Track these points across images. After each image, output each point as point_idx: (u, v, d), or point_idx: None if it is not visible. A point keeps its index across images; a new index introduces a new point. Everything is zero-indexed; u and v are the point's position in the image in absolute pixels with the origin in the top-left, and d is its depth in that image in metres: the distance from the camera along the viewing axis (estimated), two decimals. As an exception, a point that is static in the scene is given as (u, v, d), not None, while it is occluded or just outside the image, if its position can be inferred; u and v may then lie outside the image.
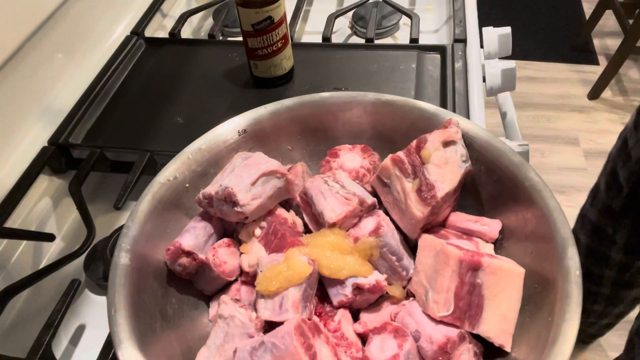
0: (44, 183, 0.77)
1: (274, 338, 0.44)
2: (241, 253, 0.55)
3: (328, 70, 0.86)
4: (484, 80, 0.88)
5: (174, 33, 0.98)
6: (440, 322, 0.47)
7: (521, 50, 2.45)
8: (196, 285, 0.56)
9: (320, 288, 0.52)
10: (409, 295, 0.52)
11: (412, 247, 0.55)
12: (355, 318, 0.52)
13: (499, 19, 2.61)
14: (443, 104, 0.77)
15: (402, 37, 1.03)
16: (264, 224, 0.55)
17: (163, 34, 1.06)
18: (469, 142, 0.56)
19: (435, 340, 0.46)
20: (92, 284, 0.68)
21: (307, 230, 0.56)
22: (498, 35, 0.93)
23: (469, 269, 0.46)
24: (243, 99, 0.83)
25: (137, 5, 1.05)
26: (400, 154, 0.54)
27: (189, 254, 0.52)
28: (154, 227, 0.53)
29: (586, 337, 1.42)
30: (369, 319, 0.51)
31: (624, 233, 0.97)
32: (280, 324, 0.46)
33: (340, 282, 0.50)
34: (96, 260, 0.67)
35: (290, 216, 0.57)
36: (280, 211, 0.56)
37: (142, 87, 0.88)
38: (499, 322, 0.46)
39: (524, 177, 0.51)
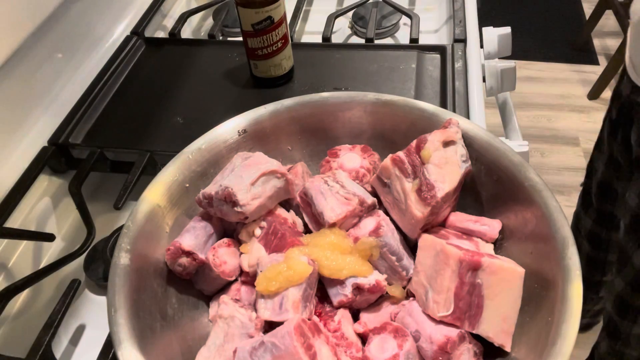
0: (44, 183, 0.77)
1: (274, 338, 0.44)
2: (241, 253, 0.55)
3: (328, 70, 0.86)
4: (484, 80, 0.88)
5: (174, 33, 0.98)
6: (440, 322, 0.47)
7: (521, 50, 2.45)
8: (196, 285, 0.56)
9: (320, 288, 0.52)
10: (409, 295, 0.52)
11: (412, 247, 0.55)
12: (355, 318, 0.52)
13: (499, 19, 2.61)
14: (443, 104, 0.77)
15: (402, 37, 1.03)
16: (264, 224, 0.55)
17: (163, 34, 1.06)
18: (469, 142, 0.56)
19: (435, 340, 0.46)
20: (92, 284, 0.68)
21: (307, 230, 0.56)
22: (498, 35, 0.93)
23: (469, 269, 0.46)
24: (243, 99, 0.83)
25: (137, 5, 1.05)
26: (400, 154, 0.54)
27: (189, 254, 0.52)
28: (154, 227, 0.53)
29: (591, 317, 1.41)
30: (369, 319, 0.51)
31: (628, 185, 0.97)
32: (280, 324, 0.46)
33: (340, 282, 0.50)
34: (96, 260, 0.67)
35: (290, 216, 0.57)
36: (280, 211, 0.56)
37: (142, 87, 0.88)
38: (499, 322, 0.46)
39: (524, 177, 0.51)
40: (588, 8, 2.64)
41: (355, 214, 0.54)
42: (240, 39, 0.82)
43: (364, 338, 0.50)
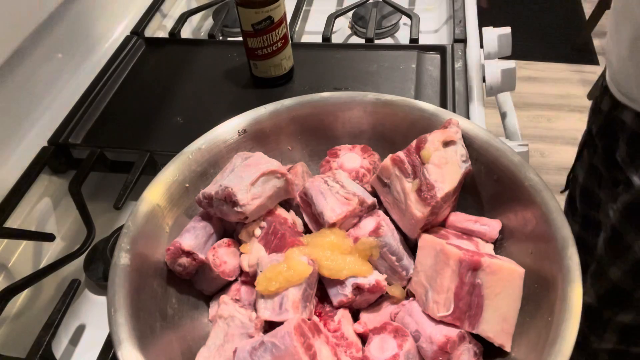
0: (44, 183, 0.77)
1: (274, 338, 0.44)
2: (241, 253, 0.55)
3: (328, 70, 0.86)
4: (484, 80, 0.88)
5: (174, 33, 0.98)
6: (440, 322, 0.47)
7: (521, 50, 2.45)
8: (196, 285, 0.56)
9: (320, 288, 0.52)
10: (409, 295, 0.52)
11: (412, 247, 0.55)
12: (355, 318, 0.52)
13: (499, 19, 2.61)
14: (443, 104, 0.77)
15: (402, 37, 1.03)
16: (264, 224, 0.55)
17: (163, 34, 1.06)
18: (469, 142, 0.56)
19: (435, 340, 0.46)
20: (92, 284, 0.68)
21: (307, 230, 0.56)
22: (498, 35, 0.93)
23: (469, 269, 0.46)
24: (243, 99, 0.83)
25: (137, 5, 1.05)
26: (400, 154, 0.54)
27: (189, 254, 0.52)
28: (154, 227, 0.53)
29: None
30: (369, 319, 0.51)
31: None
32: (280, 324, 0.46)
33: (340, 282, 0.50)
34: (96, 260, 0.67)
35: (290, 216, 0.57)
36: (280, 211, 0.56)
37: (142, 87, 0.88)
38: (498, 322, 0.46)
39: (524, 177, 0.51)
40: (588, 8, 2.64)
41: (355, 214, 0.54)
42: (240, 39, 0.82)
43: (364, 338, 0.50)
